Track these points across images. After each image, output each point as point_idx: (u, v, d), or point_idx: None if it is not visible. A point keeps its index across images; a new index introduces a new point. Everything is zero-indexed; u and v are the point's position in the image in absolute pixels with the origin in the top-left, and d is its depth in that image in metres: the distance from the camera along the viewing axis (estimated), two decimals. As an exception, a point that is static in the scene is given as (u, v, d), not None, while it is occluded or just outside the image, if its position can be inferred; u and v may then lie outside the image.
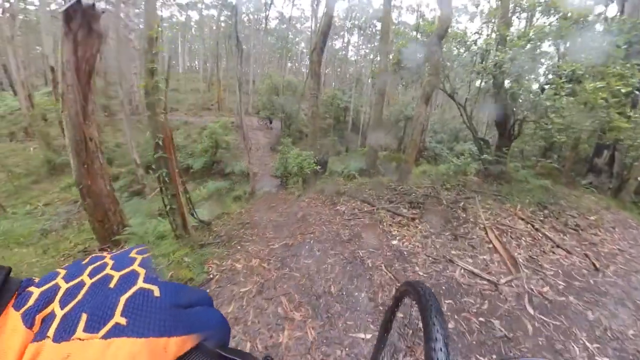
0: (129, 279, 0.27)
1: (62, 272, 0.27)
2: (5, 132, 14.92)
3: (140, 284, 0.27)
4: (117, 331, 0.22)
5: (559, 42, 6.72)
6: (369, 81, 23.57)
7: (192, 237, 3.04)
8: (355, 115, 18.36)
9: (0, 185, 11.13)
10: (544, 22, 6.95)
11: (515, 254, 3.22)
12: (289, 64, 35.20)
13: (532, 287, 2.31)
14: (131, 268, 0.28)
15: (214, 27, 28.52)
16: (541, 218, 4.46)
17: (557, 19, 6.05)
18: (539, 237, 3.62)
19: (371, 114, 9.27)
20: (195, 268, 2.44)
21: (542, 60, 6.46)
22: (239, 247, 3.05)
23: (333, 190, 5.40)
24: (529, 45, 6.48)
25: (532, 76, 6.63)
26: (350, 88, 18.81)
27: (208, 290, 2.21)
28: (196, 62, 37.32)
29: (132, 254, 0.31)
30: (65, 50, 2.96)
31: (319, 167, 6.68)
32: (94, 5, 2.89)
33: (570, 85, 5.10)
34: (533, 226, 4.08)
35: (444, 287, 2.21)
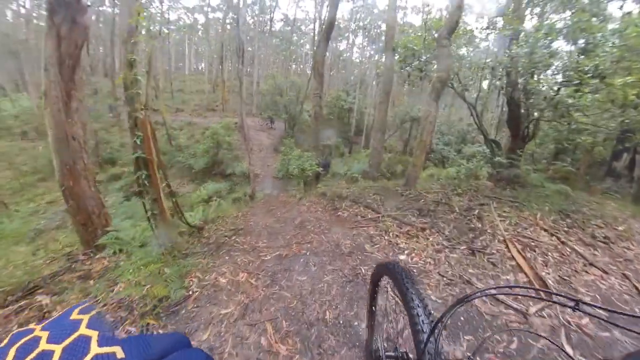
0: (78, 348, 0.24)
1: (43, 334, 0.23)
2: (18, 131, 15.17)
3: (95, 349, 0.24)
4: None
5: (578, 36, 6.28)
6: (374, 82, 23.27)
7: (176, 245, 2.76)
8: (359, 117, 18.02)
9: (6, 183, 11.22)
10: (559, 17, 6.50)
11: (543, 273, 2.79)
12: (294, 66, 35.20)
13: (569, 319, 1.92)
14: (77, 334, 0.25)
15: (220, 30, 28.75)
16: (565, 228, 4.01)
17: (573, 13, 5.63)
18: (568, 253, 3.19)
19: (375, 115, 8.92)
20: (173, 282, 2.13)
21: (560, 55, 6.02)
22: (227, 258, 2.73)
23: (335, 194, 5.06)
24: (544, 40, 6.04)
25: (549, 72, 6.18)
26: (355, 89, 18.50)
27: (184, 311, 1.90)
28: (202, 64, 37.69)
29: (74, 316, 0.28)
30: (48, 45, 2.77)
31: (321, 169, 6.35)
32: (78, -2, 2.67)
33: (595, 82, 4.65)
34: (558, 239, 3.61)
35: (462, 318, 1.84)
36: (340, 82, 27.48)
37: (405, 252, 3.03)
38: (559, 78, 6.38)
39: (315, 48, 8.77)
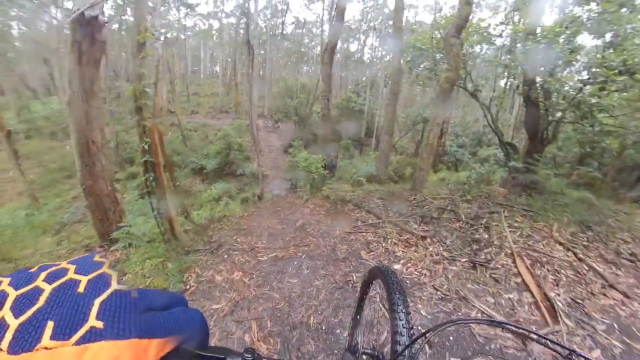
0: (101, 282, 0.26)
1: (5, 279, 0.25)
2: (47, 131, 16.45)
3: (114, 285, 0.26)
4: (93, 335, 0.21)
5: (604, 29, 5.86)
6: (384, 82, 22.96)
7: (180, 242, 2.91)
8: (370, 118, 17.86)
9: (37, 178, 12.19)
10: (582, 9, 6.09)
11: (553, 294, 2.53)
12: (305, 68, 35.51)
13: (576, 349, 1.78)
14: (101, 271, 0.27)
15: (233, 34, 29.60)
16: (585, 243, 3.61)
17: (598, 4, 5.26)
18: (584, 271, 2.87)
19: (384, 116, 8.82)
20: (173, 276, 2.26)
21: (585, 50, 5.63)
22: (225, 256, 2.83)
23: (338, 197, 5.07)
24: (564, 35, 5.71)
25: (571, 70, 5.82)
26: (365, 90, 18.36)
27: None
28: (217, 68, 38.90)
29: (97, 259, 0.30)
30: (71, 59, 3.02)
31: (327, 171, 6.38)
32: (97, 16, 2.89)
33: (622, 78, 4.24)
34: (575, 254, 3.26)
35: (451, 338, 1.77)
36: (351, 83, 27.41)
37: (401, 261, 2.97)
38: (583, 75, 6.00)
39: (322, 50, 8.83)
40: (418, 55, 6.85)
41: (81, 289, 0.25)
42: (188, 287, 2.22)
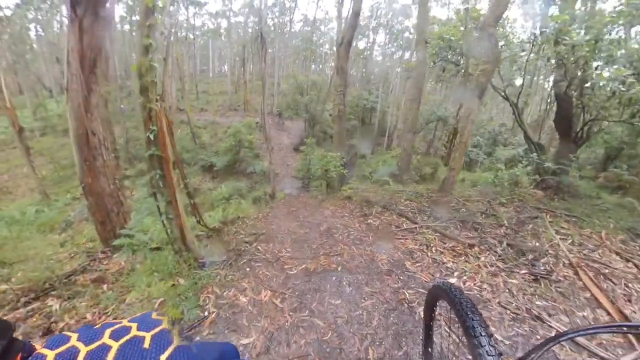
0: (163, 338, 0.29)
1: (74, 335, 0.27)
2: (60, 128, 16.48)
3: (176, 341, 0.29)
4: None
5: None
6: (396, 81, 22.37)
7: (193, 252, 2.50)
8: (381, 117, 17.32)
9: (49, 175, 12.14)
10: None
11: (628, 311, 2.20)
12: (313, 66, 35.15)
13: None
14: (162, 327, 0.30)
15: (241, 33, 29.41)
16: None
17: None
18: None
19: (405, 112, 8.33)
20: (187, 299, 1.85)
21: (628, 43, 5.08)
22: (247, 269, 2.42)
23: (363, 198, 4.63)
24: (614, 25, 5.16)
25: (618, 64, 5.26)
26: (377, 87, 17.83)
27: (198, 338, 1.59)
28: (225, 67, 38.92)
29: (155, 316, 0.33)
30: (70, 37, 2.65)
31: (346, 170, 5.94)
32: (101, -11, 2.53)
33: None
34: (636, 265, 2.92)
35: None
36: (361, 81, 26.89)
37: (455, 273, 2.54)
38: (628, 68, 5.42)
39: (338, 43, 8.38)
40: (445, 47, 6.34)
41: (146, 344, 0.27)
42: (206, 313, 1.80)
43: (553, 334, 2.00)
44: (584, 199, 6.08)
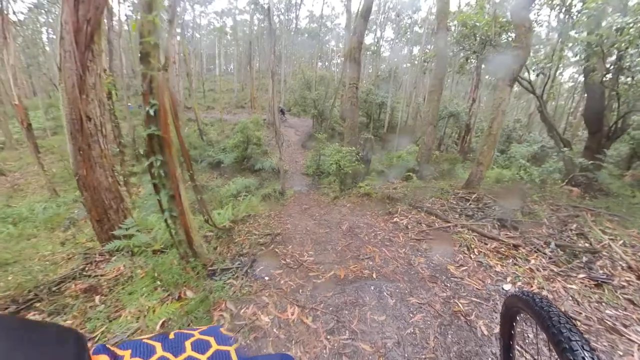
0: (244, 354, 0.30)
1: (155, 343, 0.26)
2: (69, 127, 16.63)
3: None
4: None
5: None
6: (404, 77, 21.77)
7: (200, 257, 2.15)
8: (390, 113, 16.81)
9: (59, 172, 12.12)
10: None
11: None
12: (319, 63, 34.76)
13: None
14: (237, 344, 0.31)
15: (247, 31, 29.16)
16: None
17: None
18: None
19: (425, 104, 7.88)
20: (197, 320, 1.51)
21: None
22: (266, 278, 2.07)
23: (384, 195, 4.26)
24: None
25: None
26: (386, 82, 17.31)
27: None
28: (231, 66, 38.93)
29: (224, 331, 0.34)
30: (64, 9, 2.31)
31: (362, 165, 5.57)
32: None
33: None
34: None
35: None
36: (368, 77, 26.35)
37: (507, 278, 2.17)
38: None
39: (351, 34, 7.97)
40: (469, 34, 5.88)
41: (234, 358, 0.28)
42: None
43: (635, 348, 1.67)
44: (620, 198, 5.64)
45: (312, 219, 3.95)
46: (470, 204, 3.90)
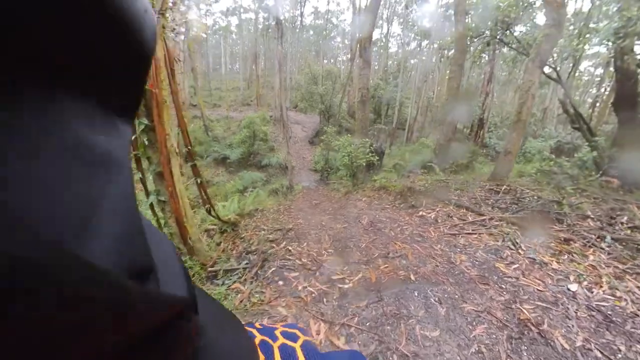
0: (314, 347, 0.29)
1: (251, 329, 0.26)
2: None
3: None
4: None
5: None
6: (412, 73, 21.16)
7: (199, 255, 1.81)
8: (399, 108, 16.31)
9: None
10: None
11: None
12: (325, 61, 34.42)
13: None
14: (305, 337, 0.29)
15: (252, 29, 28.97)
16: None
17: None
18: None
19: (445, 92, 7.44)
20: None
21: None
22: (280, 282, 1.72)
23: (405, 188, 3.90)
24: None
25: None
26: (396, 76, 16.81)
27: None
28: (237, 65, 39.03)
29: (300, 326, 0.32)
30: None
31: (376, 158, 5.20)
32: None
33: None
34: None
35: None
36: (374, 73, 25.85)
37: (570, 277, 1.80)
38: None
39: (360, 24, 7.58)
40: (491, 19, 5.43)
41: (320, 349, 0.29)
42: None
43: None
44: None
45: (326, 214, 3.62)
46: (501, 196, 3.50)
